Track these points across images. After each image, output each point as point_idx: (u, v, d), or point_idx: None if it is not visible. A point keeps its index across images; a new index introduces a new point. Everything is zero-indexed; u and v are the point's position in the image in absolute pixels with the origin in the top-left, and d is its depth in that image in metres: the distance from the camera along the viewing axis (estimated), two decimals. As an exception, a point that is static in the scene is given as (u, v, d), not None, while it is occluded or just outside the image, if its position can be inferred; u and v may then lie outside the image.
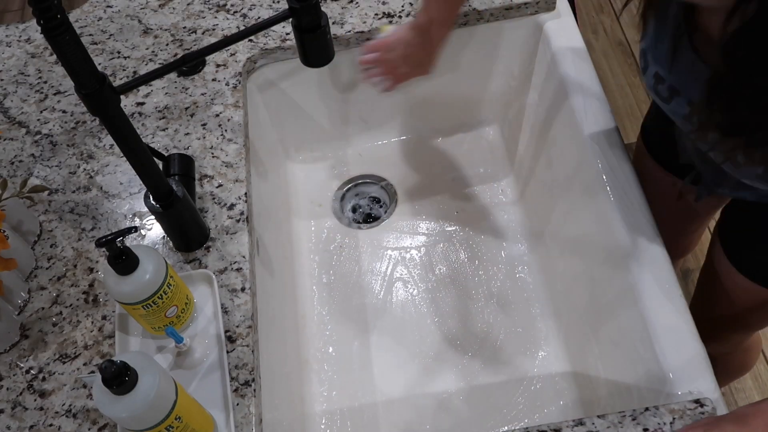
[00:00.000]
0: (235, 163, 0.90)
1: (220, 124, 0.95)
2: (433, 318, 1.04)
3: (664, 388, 0.71)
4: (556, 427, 0.69)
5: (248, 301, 0.79)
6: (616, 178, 0.85)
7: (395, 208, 1.15)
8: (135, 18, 1.09)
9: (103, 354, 0.77)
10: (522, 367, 0.98)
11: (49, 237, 0.87)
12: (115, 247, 0.65)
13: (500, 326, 1.02)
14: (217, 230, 0.84)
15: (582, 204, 0.92)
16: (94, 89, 0.60)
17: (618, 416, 0.69)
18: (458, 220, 1.13)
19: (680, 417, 0.68)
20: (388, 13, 1.03)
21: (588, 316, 0.91)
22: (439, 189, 1.16)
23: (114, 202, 0.89)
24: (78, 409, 0.73)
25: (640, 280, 0.78)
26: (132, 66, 1.02)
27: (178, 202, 0.75)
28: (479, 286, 1.06)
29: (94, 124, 0.97)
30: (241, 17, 1.06)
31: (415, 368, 1.00)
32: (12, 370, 0.77)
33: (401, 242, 1.12)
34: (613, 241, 0.83)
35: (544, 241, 1.05)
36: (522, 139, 1.13)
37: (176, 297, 0.73)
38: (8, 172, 0.94)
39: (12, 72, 1.05)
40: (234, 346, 0.76)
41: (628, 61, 2.12)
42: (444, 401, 0.97)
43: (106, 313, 0.80)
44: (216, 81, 0.99)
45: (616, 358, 0.84)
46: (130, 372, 0.57)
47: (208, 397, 0.72)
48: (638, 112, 2.00)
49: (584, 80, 0.96)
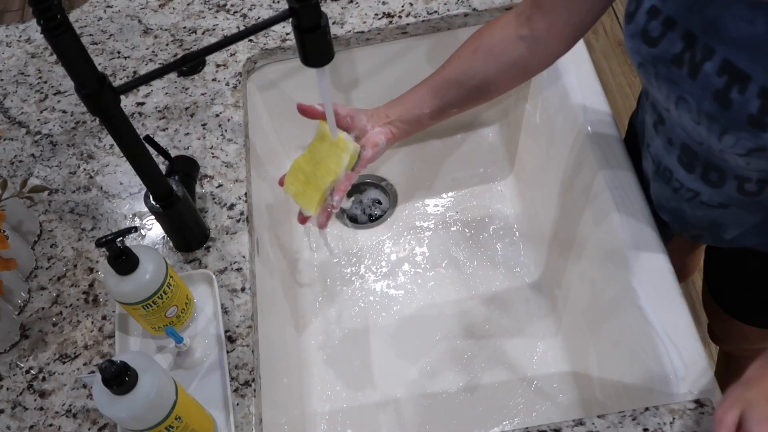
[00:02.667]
0: (235, 163, 0.90)
1: (220, 124, 0.95)
2: (433, 318, 1.04)
3: (664, 388, 0.71)
4: (556, 427, 0.69)
5: (248, 301, 0.79)
6: (616, 178, 0.85)
7: (395, 209, 1.15)
8: (135, 18, 1.09)
9: (103, 354, 0.77)
10: (522, 366, 0.98)
11: (49, 237, 0.87)
12: (115, 247, 0.65)
13: (500, 326, 1.02)
14: (217, 230, 0.84)
15: (582, 204, 0.91)
16: (94, 89, 0.60)
17: (618, 416, 0.69)
18: (458, 221, 1.13)
19: (680, 417, 0.68)
20: (388, 13, 1.03)
21: (588, 316, 0.91)
22: (439, 189, 1.16)
23: (114, 202, 0.89)
24: (78, 409, 0.73)
25: (640, 280, 0.77)
26: (132, 66, 1.02)
27: (178, 202, 0.75)
28: (479, 286, 1.06)
29: (94, 124, 0.97)
30: (241, 17, 1.06)
31: (415, 368, 1.00)
32: (12, 370, 0.77)
33: (401, 242, 1.12)
34: (613, 241, 0.83)
35: (544, 241, 1.05)
36: (522, 139, 1.13)
37: (176, 297, 0.73)
38: (8, 172, 0.94)
39: (12, 72, 1.05)
40: (234, 346, 0.76)
41: (628, 61, 2.12)
42: (444, 401, 0.97)
43: (106, 313, 0.80)
44: (216, 81, 0.99)
45: (616, 358, 0.84)
46: (130, 372, 0.57)
47: (208, 397, 0.72)
48: (638, 112, 2.00)
49: (584, 80, 0.96)
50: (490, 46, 0.78)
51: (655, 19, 0.65)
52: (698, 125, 0.65)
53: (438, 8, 1.02)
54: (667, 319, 0.74)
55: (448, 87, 0.80)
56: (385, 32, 1.03)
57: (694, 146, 0.70)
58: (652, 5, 0.65)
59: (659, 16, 0.64)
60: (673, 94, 0.66)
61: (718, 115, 0.61)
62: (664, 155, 0.76)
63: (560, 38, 0.76)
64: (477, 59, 0.78)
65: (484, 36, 0.79)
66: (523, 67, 0.79)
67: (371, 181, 1.19)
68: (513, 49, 0.77)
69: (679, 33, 0.63)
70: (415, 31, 1.04)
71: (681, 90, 0.64)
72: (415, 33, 1.04)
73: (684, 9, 0.62)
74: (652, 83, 0.69)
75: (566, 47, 0.78)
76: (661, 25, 0.64)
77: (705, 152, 0.69)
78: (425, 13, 1.02)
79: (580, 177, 0.92)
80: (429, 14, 1.02)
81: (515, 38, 0.76)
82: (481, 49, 0.78)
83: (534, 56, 0.77)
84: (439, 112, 0.81)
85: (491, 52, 0.78)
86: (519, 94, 1.12)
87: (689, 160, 0.72)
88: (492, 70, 0.79)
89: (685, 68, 0.63)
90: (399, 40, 1.05)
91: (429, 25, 1.03)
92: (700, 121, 0.64)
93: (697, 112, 0.64)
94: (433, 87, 0.81)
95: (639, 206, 0.83)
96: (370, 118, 0.81)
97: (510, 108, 1.16)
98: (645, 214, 0.82)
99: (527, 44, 0.76)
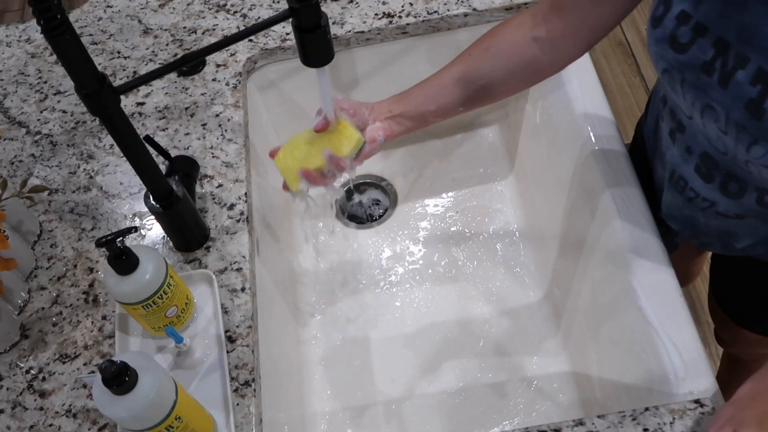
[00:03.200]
0: (235, 163, 0.90)
1: (220, 124, 0.95)
2: (433, 318, 1.04)
3: (664, 388, 0.71)
4: (556, 427, 0.69)
5: (248, 301, 0.79)
6: (616, 178, 0.85)
7: (395, 209, 1.15)
8: (135, 18, 1.09)
9: (103, 354, 0.77)
10: (522, 366, 0.98)
11: (49, 237, 0.87)
12: (115, 247, 0.65)
13: (500, 326, 1.02)
14: (217, 230, 0.84)
15: (582, 204, 0.91)
16: (94, 89, 0.60)
17: (618, 416, 0.69)
18: (458, 221, 1.13)
19: (680, 417, 0.68)
20: (388, 13, 1.03)
21: (588, 316, 0.91)
22: (439, 189, 1.16)
23: (114, 202, 0.89)
24: (78, 409, 0.73)
25: (640, 280, 0.77)
26: (132, 66, 1.02)
27: (178, 202, 0.75)
28: (479, 286, 1.06)
29: (94, 124, 0.97)
30: (241, 17, 1.06)
31: (415, 368, 1.00)
32: (12, 370, 0.77)
33: (401, 242, 1.12)
34: (613, 241, 0.83)
35: (544, 241, 1.05)
36: (522, 139, 1.13)
37: (176, 297, 0.73)
38: (8, 172, 0.94)
39: (12, 72, 1.05)
40: (234, 346, 0.76)
41: (628, 61, 2.12)
42: (444, 401, 0.97)
43: (106, 313, 0.80)
44: (216, 81, 0.99)
45: (616, 358, 0.84)
46: (130, 372, 0.57)
47: (208, 397, 0.72)
48: (638, 111, 2.00)
49: (584, 80, 0.96)
50: (502, 46, 0.76)
51: (685, 24, 0.62)
52: (725, 135, 0.63)
53: (438, 8, 1.02)
54: (667, 319, 0.74)
55: (456, 85, 0.78)
56: (385, 32, 1.03)
57: (716, 156, 0.68)
58: (681, 10, 0.62)
59: (689, 21, 0.62)
60: (699, 102, 0.64)
61: (749, 125, 0.60)
62: (680, 164, 0.74)
63: (576, 41, 0.74)
64: (487, 59, 0.76)
65: (498, 35, 0.77)
66: (534, 69, 0.77)
67: (371, 181, 1.19)
68: (526, 50, 0.75)
69: (711, 40, 0.61)
70: (415, 31, 1.04)
71: (708, 98, 0.62)
72: (415, 33, 1.04)
73: (717, 15, 0.59)
74: (677, 90, 0.67)
75: (581, 51, 0.75)
76: (691, 30, 0.62)
77: (727, 162, 0.67)
78: (425, 13, 1.02)
79: (580, 177, 0.92)
80: (429, 14, 1.02)
81: (529, 39, 0.74)
82: (492, 48, 0.76)
83: (547, 58, 0.75)
84: (444, 110, 0.80)
85: (503, 53, 0.76)
86: (519, 94, 1.12)
87: (708, 169, 0.70)
88: (502, 70, 0.77)
89: (715, 76, 0.61)
90: (399, 40, 1.05)
91: (429, 25, 1.03)
92: (727, 131, 0.62)
93: (725, 122, 0.62)
94: (440, 84, 0.79)
95: (639, 206, 0.83)
96: (372, 111, 0.79)
97: (510, 108, 1.16)
98: (645, 214, 0.82)
99: (541, 46, 0.74)
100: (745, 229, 0.75)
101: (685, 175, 0.74)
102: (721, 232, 0.77)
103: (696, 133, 0.69)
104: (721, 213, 0.73)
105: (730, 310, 0.95)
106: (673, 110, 0.73)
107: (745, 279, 0.89)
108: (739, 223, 0.73)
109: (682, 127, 0.72)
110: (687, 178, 0.74)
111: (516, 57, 0.76)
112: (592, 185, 0.88)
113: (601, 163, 0.87)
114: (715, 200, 0.72)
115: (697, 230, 0.80)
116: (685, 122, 0.71)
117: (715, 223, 0.76)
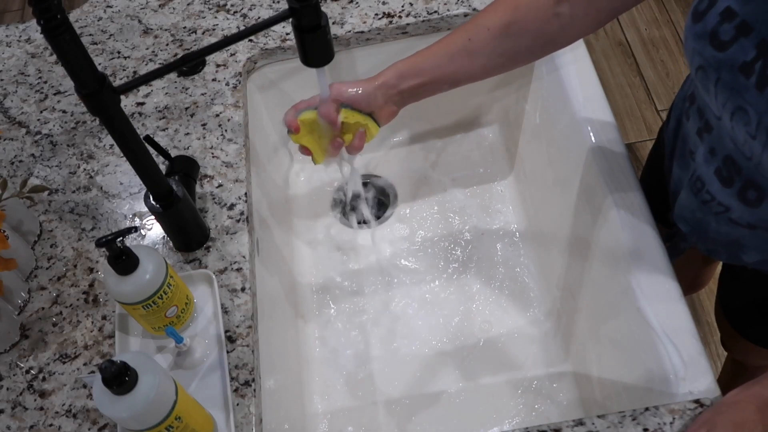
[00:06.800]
0: (235, 163, 0.91)
1: (220, 124, 0.95)
2: (433, 318, 1.04)
3: (664, 388, 0.71)
4: (556, 427, 0.69)
5: (248, 301, 0.79)
6: (616, 178, 0.85)
7: (395, 208, 1.15)
8: (135, 18, 1.09)
9: (103, 354, 0.77)
10: (522, 366, 0.98)
11: (49, 237, 0.87)
12: (115, 247, 0.65)
13: (500, 326, 1.02)
14: (217, 230, 0.85)
15: (582, 204, 0.92)
16: (94, 89, 0.60)
17: (618, 416, 0.69)
18: (458, 221, 1.13)
19: (680, 417, 0.68)
20: (388, 13, 1.04)
21: (588, 316, 0.91)
22: (439, 189, 1.16)
23: (114, 202, 0.89)
24: (78, 409, 0.73)
25: (640, 280, 0.77)
26: (132, 66, 1.02)
27: (178, 202, 0.75)
28: (479, 286, 1.06)
29: (94, 124, 0.97)
30: (241, 17, 1.06)
31: (415, 368, 1.00)
32: (12, 370, 0.77)
33: (401, 242, 1.12)
34: (613, 241, 0.83)
35: (544, 241, 1.05)
36: (522, 139, 1.13)
37: (176, 297, 0.73)
38: (8, 172, 0.94)
39: (12, 72, 1.05)
40: (234, 346, 0.76)
41: (628, 61, 2.12)
42: (444, 401, 0.97)
43: (106, 313, 0.80)
44: (216, 81, 0.99)
45: (616, 358, 0.84)
46: (130, 372, 0.57)
47: (208, 397, 0.72)
48: (638, 111, 2.00)
49: (584, 80, 0.96)
50: (525, 23, 0.73)
51: (729, 21, 0.60)
52: (753, 139, 0.61)
53: (438, 8, 1.02)
54: (667, 319, 0.74)
55: (472, 59, 0.75)
56: (385, 32, 1.03)
57: (740, 160, 0.66)
58: (727, 6, 0.60)
59: (734, 19, 0.60)
60: (731, 104, 0.62)
61: None
62: (701, 164, 0.72)
63: (595, 19, 0.72)
64: (510, 37, 0.74)
65: (520, 10, 0.73)
66: (549, 44, 0.75)
67: (371, 181, 1.19)
68: (547, 27, 0.72)
69: (754, 40, 0.58)
70: (415, 31, 1.04)
71: (742, 100, 0.60)
72: (415, 33, 1.04)
73: (765, 16, 0.57)
74: (709, 90, 0.65)
75: (594, 29, 0.73)
76: (735, 29, 0.60)
77: (750, 169, 0.65)
78: (425, 13, 1.02)
79: (580, 177, 0.92)
80: (429, 14, 1.02)
81: (551, 16, 0.71)
82: (514, 26, 0.73)
83: (563, 35, 0.73)
84: (453, 84, 0.78)
85: (526, 30, 0.73)
86: (519, 94, 1.12)
87: (729, 173, 0.68)
88: (523, 48, 0.75)
89: (753, 78, 0.59)
90: (399, 40, 1.05)
91: (429, 25, 1.03)
92: (757, 136, 0.60)
93: (755, 126, 0.60)
94: (454, 57, 0.76)
95: (639, 206, 0.83)
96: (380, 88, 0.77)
97: (510, 108, 1.16)
98: (645, 214, 0.82)
99: (561, 22, 0.72)
100: (755, 242, 0.73)
101: (704, 176, 0.72)
102: (730, 241, 0.76)
103: (723, 135, 0.68)
104: (734, 220, 0.72)
105: (735, 322, 0.94)
106: (702, 109, 0.71)
107: (753, 294, 0.88)
108: (750, 233, 0.72)
109: (710, 127, 0.70)
110: (705, 180, 0.72)
111: (537, 33, 0.73)
112: (592, 185, 0.88)
113: (600, 163, 0.87)
114: (730, 206, 0.70)
115: (706, 236, 0.78)
116: (713, 123, 0.69)
117: (726, 230, 0.74)
